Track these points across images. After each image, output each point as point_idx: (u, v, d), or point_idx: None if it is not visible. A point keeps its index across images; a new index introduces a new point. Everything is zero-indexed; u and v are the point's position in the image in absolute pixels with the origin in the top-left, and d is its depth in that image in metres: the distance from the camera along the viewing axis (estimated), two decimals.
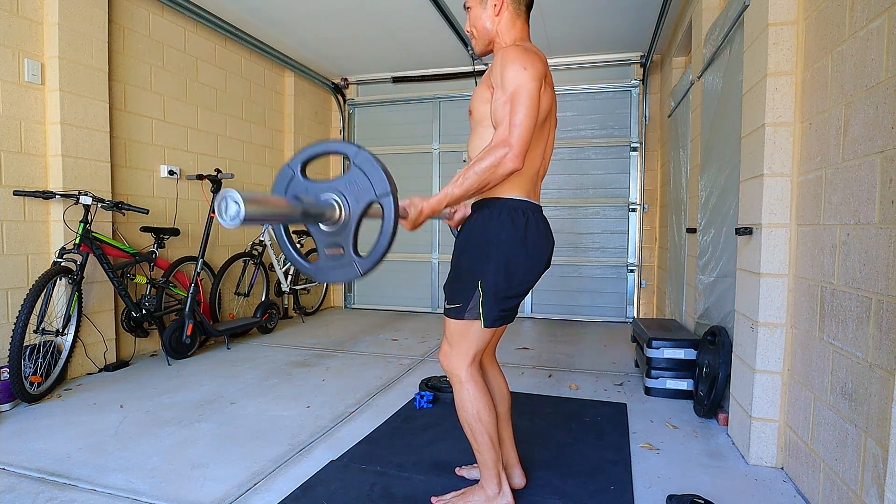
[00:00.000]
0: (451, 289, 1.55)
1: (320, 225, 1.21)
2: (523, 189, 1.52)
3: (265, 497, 1.75)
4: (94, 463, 1.97)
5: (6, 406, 2.51)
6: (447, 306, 1.55)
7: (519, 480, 1.77)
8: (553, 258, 1.66)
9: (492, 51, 1.63)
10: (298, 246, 1.30)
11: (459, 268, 1.52)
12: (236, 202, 0.92)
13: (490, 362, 1.76)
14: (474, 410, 1.53)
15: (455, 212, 1.75)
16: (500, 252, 1.47)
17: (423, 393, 2.66)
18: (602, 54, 4.85)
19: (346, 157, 1.23)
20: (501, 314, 1.52)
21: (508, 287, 1.49)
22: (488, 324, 1.50)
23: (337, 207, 1.18)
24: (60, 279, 2.81)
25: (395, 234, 1.17)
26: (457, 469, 1.91)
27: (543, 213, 1.60)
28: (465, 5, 1.64)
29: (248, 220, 0.94)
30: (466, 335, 1.53)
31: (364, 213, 1.18)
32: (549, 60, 5.09)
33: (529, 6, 1.62)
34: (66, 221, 2.92)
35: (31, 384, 2.60)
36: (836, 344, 1.55)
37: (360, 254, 1.19)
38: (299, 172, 1.23)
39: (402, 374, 3.20)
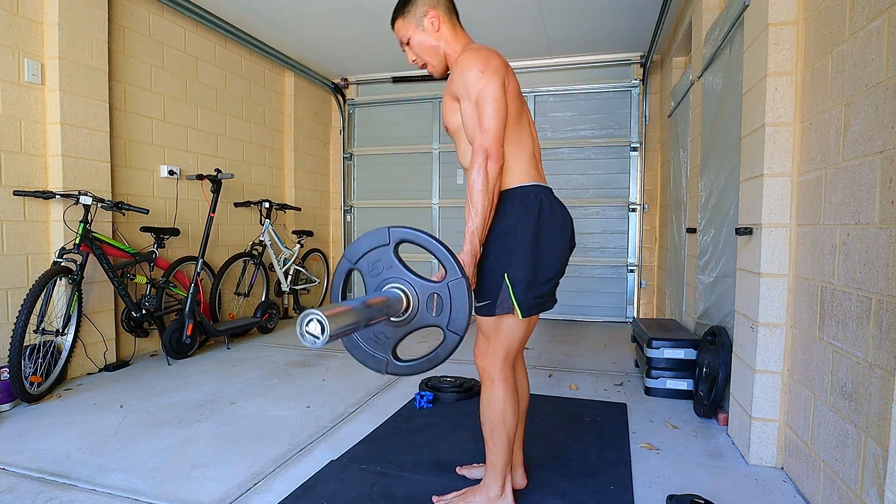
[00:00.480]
0: (478, 287, 1.54)
1: (391, 319, 1.17)
2: (528, 174, 1.52)
3: (265, 497, 1.75)
4: (94, 463, 1.97)
5: (6, 406, 2.51)
6: (477, 304, 1.53)
7: (520, 480, 1.78)
8: None
9: (449, 66, 1.61)
10: (298, 246, 1.29)
11: (484, 265, 1.52)
12: (319, 321, 0.90)
13: (518, 361, 1.75)
14: (500, 411, 1.53)
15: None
16: (521, 240, 1.46)
17: (423, 393, 2.66)
18: (602, 54, 4.85)
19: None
20: (537, 301, 1.51)
21: (537, 273, 1.48)
22: (525, 313, 1.49)
23: (403, 297, 1.15)
24: (60, 279, 2.81)
25: (471, 308, 1.14)
26: (458, 468, 1.91)
27: (554, 193, 1.59)
28: (401, 42, 1.62)
29: (333, 336, 0.93)
30: (499, 332, 1.53)
31: (431, 296, 1.15)
32: (549, 60, 5.08)
33: (456, 9, 1.62)
34: (66, 221, 2.93)
35: (31, 384, 2.60)
36: (836, 344, 1.56)
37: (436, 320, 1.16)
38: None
39: None
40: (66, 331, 2.85)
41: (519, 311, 1.49)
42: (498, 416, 1.53)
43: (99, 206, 3.01)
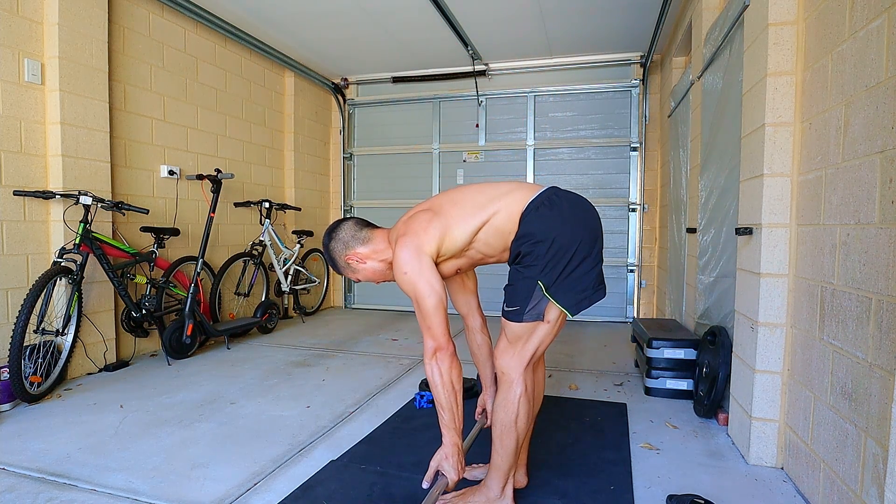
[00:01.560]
0: (508, 293, 1.54)
1: None
2: (519, 204, 1.52)
3: (265, 497, 1.75)
4: (94, 463, 1.98)
5: (6, 406, 2.51)
6: (506, 308, 1.54)
7: (521, 479, 1.78)
8: None
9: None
10: (298, 246, 1.29)
11: (515, 276, 1.52)
12: None
13: (538, 362, 1.75)
14: (514, 414, 1.52)
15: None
16: (546, 246, 1.46)
17: (423, 393, 2.66)
18: (602, 54, 4.85)
19: None
20: (583, 295, 1.50)
21: (572, 268, 1.48)
22: (574, 310, 1.49)
23: None
24: (60, 279, 2.81)
25: None
26: None
27: (559, 188, 1.59)
28: (357, 282, 1.72)
29: None
30: (524, 338, 1.53)
31: None
32: (549, 60, 5.08)
33: (363, 222, 1.72)
34: (66, 221, 2.92)
35: (31, 384, 2.60)
36: (836, 344, 1.56)
37: None
38: None
39: (402, 374, 3.20)
40: (66, 331, 2.85)
41: (567, 311, 1.49)
42: (511, 418, 1.52)
43: (99, 206, 3.01)
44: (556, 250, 1.46)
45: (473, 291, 1.88)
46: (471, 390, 2.73)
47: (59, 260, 2.77)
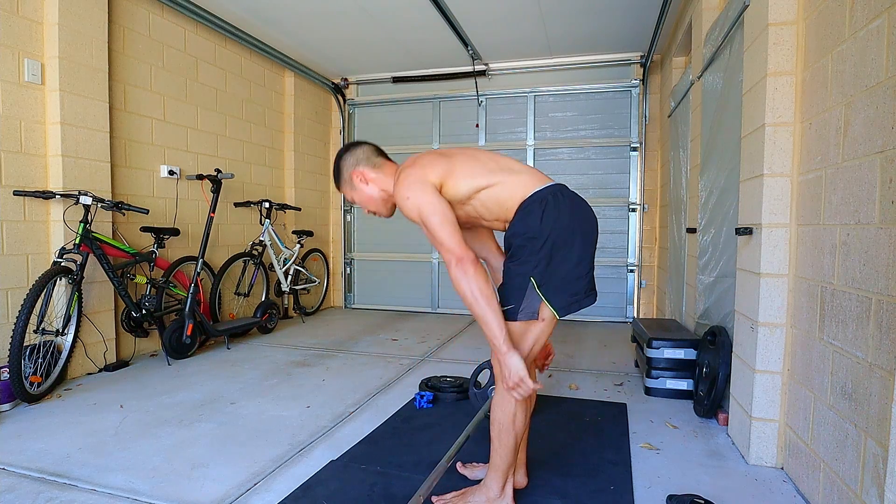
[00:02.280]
0: (503, 293, 1.55)
1: None
2: (527, 185, 1.53)
3: (265, 497, 1.75)
4: (94, 463, 1.97)
5: (6, 406, 2.51)
6: (502, 308, 1.54)
7: (521, 480, 1.78)
8: None
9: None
10: (298, 246, 1.30)
11: (509, 273, 1.53)
12: None
13: (532, 364, 1.75)
14: (511, 412, 1.53)
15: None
16: (541, 242, 1.47)
17: (422, 393, 2.66)
18: (602, 54, 4.85)
19: None
20: (573, 299, 1.51)
21: (566, 269, 1.48)
22: (562, 312, 1.50)
23: None
24: (60, 279, 2.81)
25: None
26: (458, 465, 1.91)
27: (566, 188, 1.59)
28: (350, 202, 1.74)
29: None
30: (520, 337, 1.53)
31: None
32: (549, 60, 5.08)
33: (378, 150, 1.72)
34: (66, 221, 2.92)
35: (31, 384, 2.60)
36: (836, 344, 1.56)
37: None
38: None
39: (402, 374, 3.20)
40: (66, 331, 2.84)
41: (555, 312, 1.49)
42: (509, 417, 1.53)
43: (99, 206, 3.01)
44: (551, 247, 1.47)
45: (490, 237, 1.86)
46: (463, 391, 2.73)
47: (59, 260, 2.77)
